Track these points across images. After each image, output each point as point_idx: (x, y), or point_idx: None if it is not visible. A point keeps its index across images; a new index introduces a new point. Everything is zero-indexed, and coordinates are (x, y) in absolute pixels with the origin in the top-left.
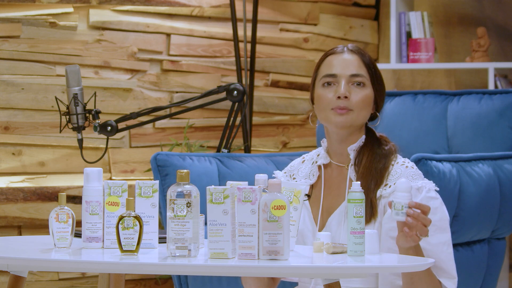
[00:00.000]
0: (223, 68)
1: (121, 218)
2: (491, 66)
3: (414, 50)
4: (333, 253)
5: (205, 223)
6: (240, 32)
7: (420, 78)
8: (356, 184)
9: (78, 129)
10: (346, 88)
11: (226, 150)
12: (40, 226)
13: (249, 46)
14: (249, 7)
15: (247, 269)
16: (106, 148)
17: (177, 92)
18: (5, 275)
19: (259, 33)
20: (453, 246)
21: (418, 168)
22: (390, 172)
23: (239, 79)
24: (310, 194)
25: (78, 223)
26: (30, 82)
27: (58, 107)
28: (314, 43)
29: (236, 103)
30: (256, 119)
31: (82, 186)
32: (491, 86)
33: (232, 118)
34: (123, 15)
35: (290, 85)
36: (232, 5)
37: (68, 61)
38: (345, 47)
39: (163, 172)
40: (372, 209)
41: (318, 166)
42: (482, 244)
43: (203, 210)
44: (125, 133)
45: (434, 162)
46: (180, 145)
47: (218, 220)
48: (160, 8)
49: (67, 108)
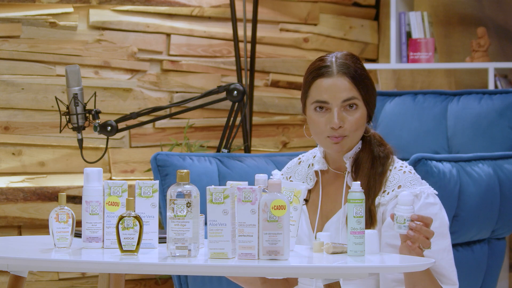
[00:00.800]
0: (223, 68)
1: (121, 218)
2: (491, 66)
3: (414, 50)
4: (333, 253)
5: (205, 223)
6: (240, 32)
7: (420, 78)
8: (356, 184)
9: (78, 129)
10: (340, 116)
11: (226, 150)
12: (40, 226)
13: (249, 46)
14: (249, 7)
15: (247, 269)
16: (106, 148)
17: (177, 92)
18: (5, 275)
19: (259, 33)
20: (453, 246)
21: (418, 168)
22: (388, 178)
23: (239, 79)
24: (308, 199)
25: (78, 223)
26: (30, 82)
27: (58, 107)
28: (314, 43)
29: (236, 103)
30: (256, 119)
31: (82, 186)
32: (491, 86)
33: (232, 118)
34: (123, 15)
35: (290, 85)
36: (232, 5)
37: (68, 61)
38: (333, 66)
39: (163, 172)
40: (371, 218)
41: (316, 172)
42: (482, 244)
43: (203, 210)
44: (125, 133)
45: (434, 162)
46: (180, 145)
47: (218, 220)
48: (160, 8)
49: (67, 108)
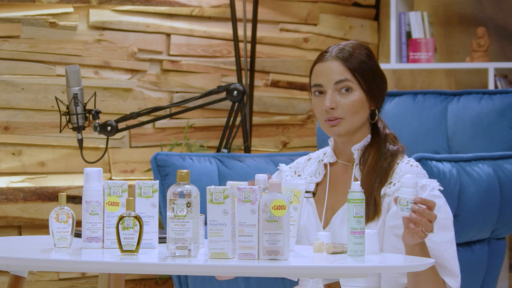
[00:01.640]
0: (223, 68)
1: (121, 218)
2: (491, 66)
3: (414, 50)
4: (333, 253)
5: (205, 223)
6: (240, 32)
7: (420, 78)
8: (356, 184)
9: (78, 129)
10: (332, 98)
11: (226, 150)
12: (40, 226)
13: (249, 46)
14: (249, 7)
15: (247, 269)
16: (106, 148)
17: (177, 92)
18: (5, 275)
19: (259, 33)
20: None
21: None
22: (395, 170)
23: (239, 79)
24: (316, 192)
25: (78, 223)
26: (30, 82)
27: (58, 107)
28: (314, 43)
29: (236, 103)
30: (256, 119)
31: (82, 186)
32: (491, 86)
33: (232, 118)
34: (123, 15)
35: (290, 85)
36: (232, 5)
37: (68, 61)
38: (331, 51)
39: (163, 172)
40: (376, 207)
41: (324, 164)
42: (482, 244)
43: (203, 210)
44: (125, 133)
45: (434, 162)
46: (180, 145)
47: (218, 220)
48: (160, 8)
49: (67, 108)
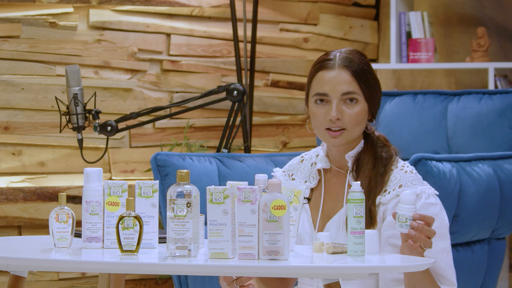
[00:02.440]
0: (223, 68)
1: (121, 218)
2: (491, 66)
3: (414, 50)
4: (333, 253)
5: (205, 223)
6: (240, 32)
7: (420, 78)
8: (356, 184)
9: (78, 129)
10: (338, 108)
11: (226, 150)
12: (40, 226)
13: (249, 46)
14: (249, 7)
15: (247, 269)
16: (106, 148)
17: (177, 92)
18: (5, 275)
19: (259, 33)
20: (453, 246)
21: (418, 168)
22: (389, 177)
23: (239, 79)
24: (310, 198)
25: (78, 223)
26: (30, 82)
27: (58, 107)
28: (314, 43)
29: (236, 103)
30: (256, 119)
31: (82, 186)
32: (491, 86)
33: (232, 118)
34: (123, 15)
35: (290, 85)
36: (232, 5)
37: (68, 61)
38: (336, 60)
39: (163, 172)
40: (371, 218)
41: (318, 170)
42: (482, 244)
43: (203, 210)
44: (125, 133)
45: (434, 162)
46: (180, 145)
47: (218, 220)
48: (160, 8)
49: (67, 108)
